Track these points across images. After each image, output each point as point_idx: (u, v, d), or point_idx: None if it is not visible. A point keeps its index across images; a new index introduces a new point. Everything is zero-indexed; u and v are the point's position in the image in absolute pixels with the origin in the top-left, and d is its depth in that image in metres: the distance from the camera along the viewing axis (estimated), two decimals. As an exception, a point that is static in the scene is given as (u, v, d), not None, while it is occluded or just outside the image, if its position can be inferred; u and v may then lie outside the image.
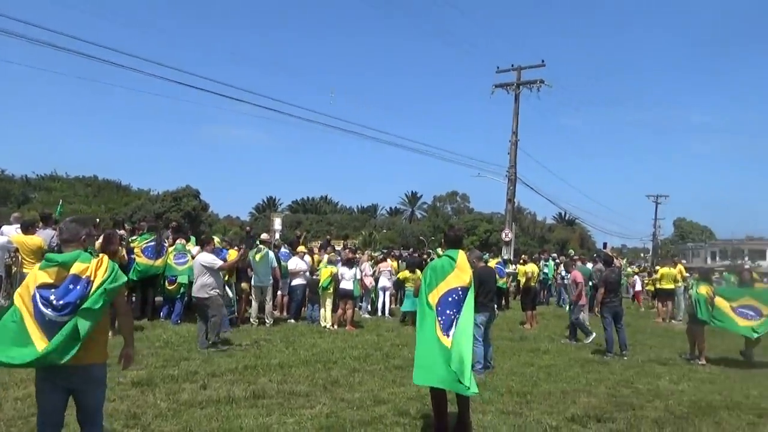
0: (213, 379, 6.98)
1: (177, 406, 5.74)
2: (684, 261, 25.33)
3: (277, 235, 28.55)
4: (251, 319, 11.72)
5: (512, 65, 28.12)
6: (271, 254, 11.79)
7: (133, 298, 11.20)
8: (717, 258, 77.49)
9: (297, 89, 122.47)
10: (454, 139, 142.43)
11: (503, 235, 27.47)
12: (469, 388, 4.73)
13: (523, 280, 15.00)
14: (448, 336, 4.94)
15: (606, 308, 10.05)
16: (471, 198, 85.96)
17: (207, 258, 8.99)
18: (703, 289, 9.82)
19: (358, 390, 6.78)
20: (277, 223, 33.53)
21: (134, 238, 11.29)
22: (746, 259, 70.35)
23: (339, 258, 12.93)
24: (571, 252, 24.53)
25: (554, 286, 20.99)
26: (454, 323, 5.03)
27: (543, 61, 27.70)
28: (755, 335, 9.63)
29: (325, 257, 12.89)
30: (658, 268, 19.61)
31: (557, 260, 22.33)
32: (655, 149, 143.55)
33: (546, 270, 19.94)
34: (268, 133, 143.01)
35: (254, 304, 11.79)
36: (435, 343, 4.92)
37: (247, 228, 19.95)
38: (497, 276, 12.67)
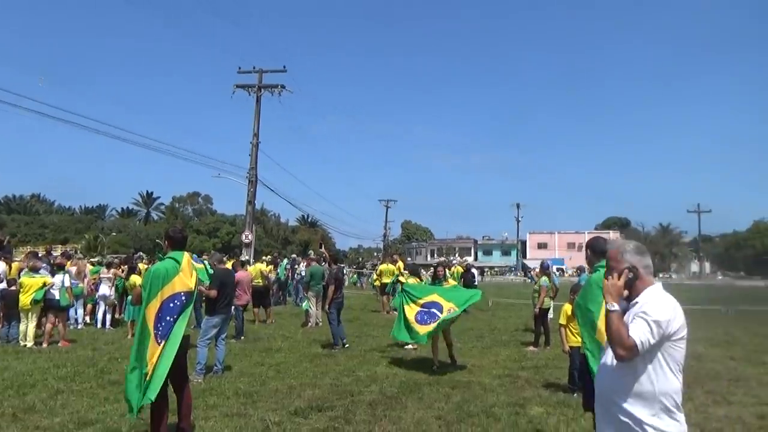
0: None
1: None
2: (409, 259, 28.50)
3: (-30, 240, 23.56)
4: None
5: (254, 67, 28.11)
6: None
7: None
8: (435, 255, 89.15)
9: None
10: (196, 139, 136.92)
11: (243, 237, 27.23)
12: (151, 399, 4.55)
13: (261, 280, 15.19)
14: (159, 344, 4.62)
15: (334, 304, 10.68)
16: (213, 199, 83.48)
17: None
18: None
19: (60, 414, 5.93)
20: (-30, 225, 27.65)
21: None
22: (456, 255, 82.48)
23: (44, 265, 11.17)
24: (311, 253, 25.49)
25: (292, 286, 21.54)
26: (171, 331, 4.74)
27: (285, 66, 28.30)
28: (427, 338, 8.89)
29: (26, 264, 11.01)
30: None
31: (297, 260, 23.02)
32: (387, 157, 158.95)
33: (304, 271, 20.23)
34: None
35: None
36: (142, 365, 4.61)
37: None
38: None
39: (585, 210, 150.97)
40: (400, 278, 10.83)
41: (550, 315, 11.91)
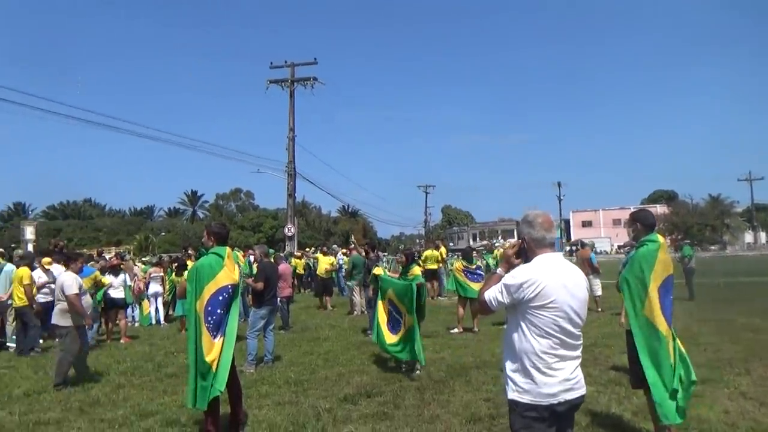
0: (-72, 423, 5.75)
1: None
2: (451, 243, 28.39)
3: (30, 246, 24.73)
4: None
5: (285, 61, 28.36)
6: (10, 267, 10.10)
7: None
8: (477, 239, 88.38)
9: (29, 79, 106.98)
10: (235, 136, 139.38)
11: (286, 230, 27.69)
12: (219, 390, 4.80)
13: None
14: (215, 338, 4.80)
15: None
16: (255, 195, 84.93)
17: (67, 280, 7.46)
18: (456, 265, 11.25)
19: (122, 406, 6.21)
20: (29, 232, 29.06)
21: None
22: (499, 238, 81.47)
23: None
24: (352, 243, 25.71)
25: (344, 276, 21.78)
26: (223, 323, 4.92)
27: (315, 58, 28.41)
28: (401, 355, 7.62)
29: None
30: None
31: (336, 250, 23.37)
32: (423, 143, 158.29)
33: (341, 260, 20.48)
34: (5, 127, 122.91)
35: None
36: (200, 358, 4.82)
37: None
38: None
39: (629, 185, 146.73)
40: (375, 271, 9.23)
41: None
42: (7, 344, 10.07)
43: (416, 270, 8.66)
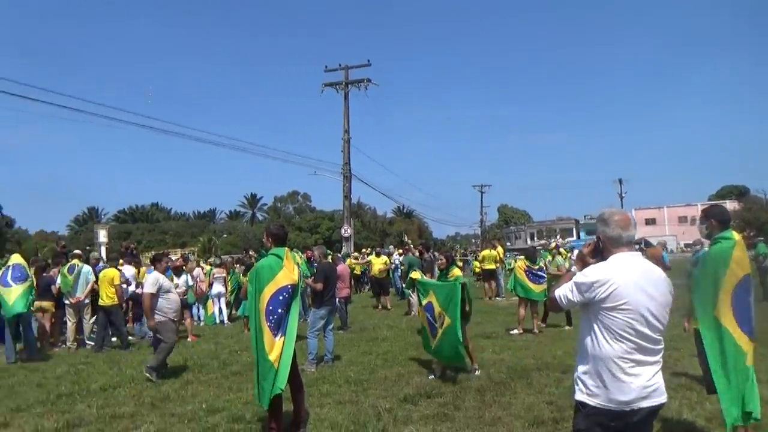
0: (17, 414, 6.19)
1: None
2: (508, 243, 27.96)
3: (103, 249, 26.06)
4: (68, 343, 10.53)
5: (339, 64, 28.72)
6: (87, 268, 10.68)
7: None
8: (535, 238, 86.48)
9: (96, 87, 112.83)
10: (291, 139, 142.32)
11: (343, 231, 28.02)
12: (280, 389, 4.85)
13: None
14: (276, 337, 4.91)
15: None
16: (312, 197, 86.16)
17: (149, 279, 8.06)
18: (518, 263, 11.11)
19: (191, 402, 6.44)
20: (102, 235, 30.60)
21: None
22: (558, 237, 79.30)
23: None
24: (408, 243, 25.75)
25: (400, 276, 21.88)
26: (284, 323, 5.02)
27: (369, 60, 28.69)
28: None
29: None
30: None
31: (391, 251, 23.51)
32: (477, 142, 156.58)
33: (397, 261, 20.66)
34: (77, 137, 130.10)
35: (70, 324, 10.60)
36: (262, 356, 4.92)
37: (62, 243, 17.94)
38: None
39: (695, 181, 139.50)
40: (413, 274, 8.73)
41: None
42: (86, 341, 10.65)
43: (456, 271, 8.18)
